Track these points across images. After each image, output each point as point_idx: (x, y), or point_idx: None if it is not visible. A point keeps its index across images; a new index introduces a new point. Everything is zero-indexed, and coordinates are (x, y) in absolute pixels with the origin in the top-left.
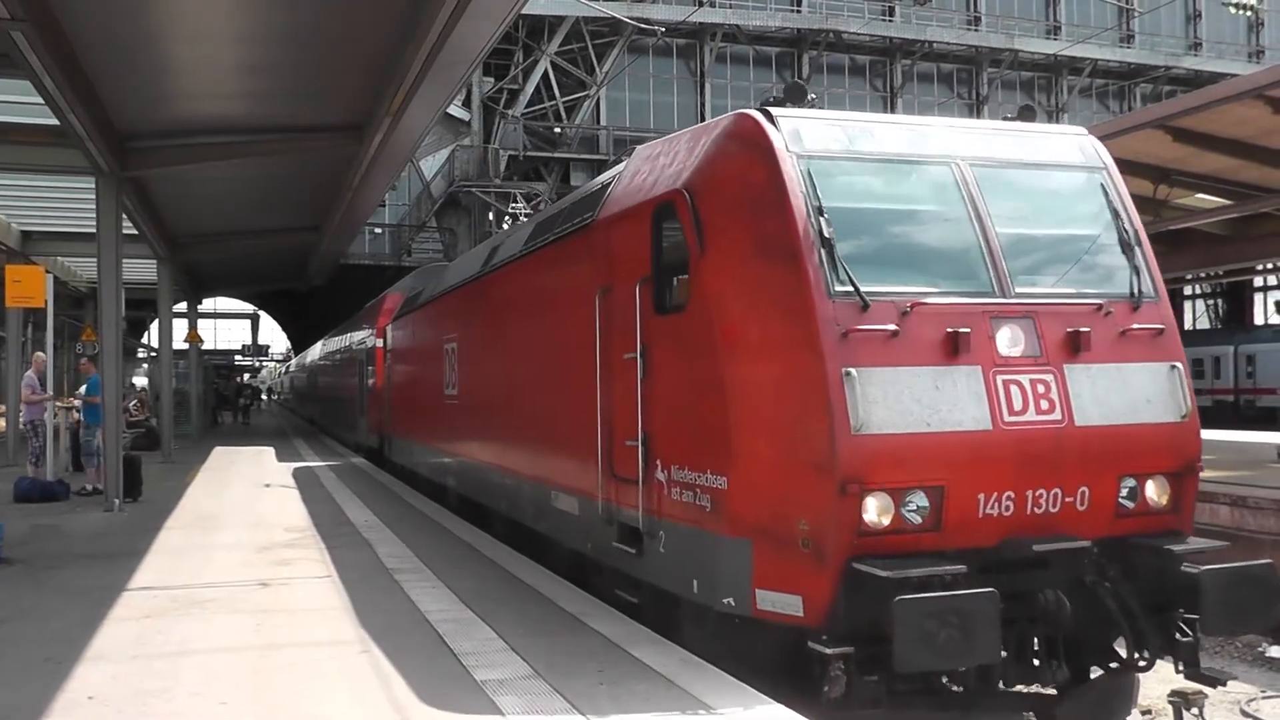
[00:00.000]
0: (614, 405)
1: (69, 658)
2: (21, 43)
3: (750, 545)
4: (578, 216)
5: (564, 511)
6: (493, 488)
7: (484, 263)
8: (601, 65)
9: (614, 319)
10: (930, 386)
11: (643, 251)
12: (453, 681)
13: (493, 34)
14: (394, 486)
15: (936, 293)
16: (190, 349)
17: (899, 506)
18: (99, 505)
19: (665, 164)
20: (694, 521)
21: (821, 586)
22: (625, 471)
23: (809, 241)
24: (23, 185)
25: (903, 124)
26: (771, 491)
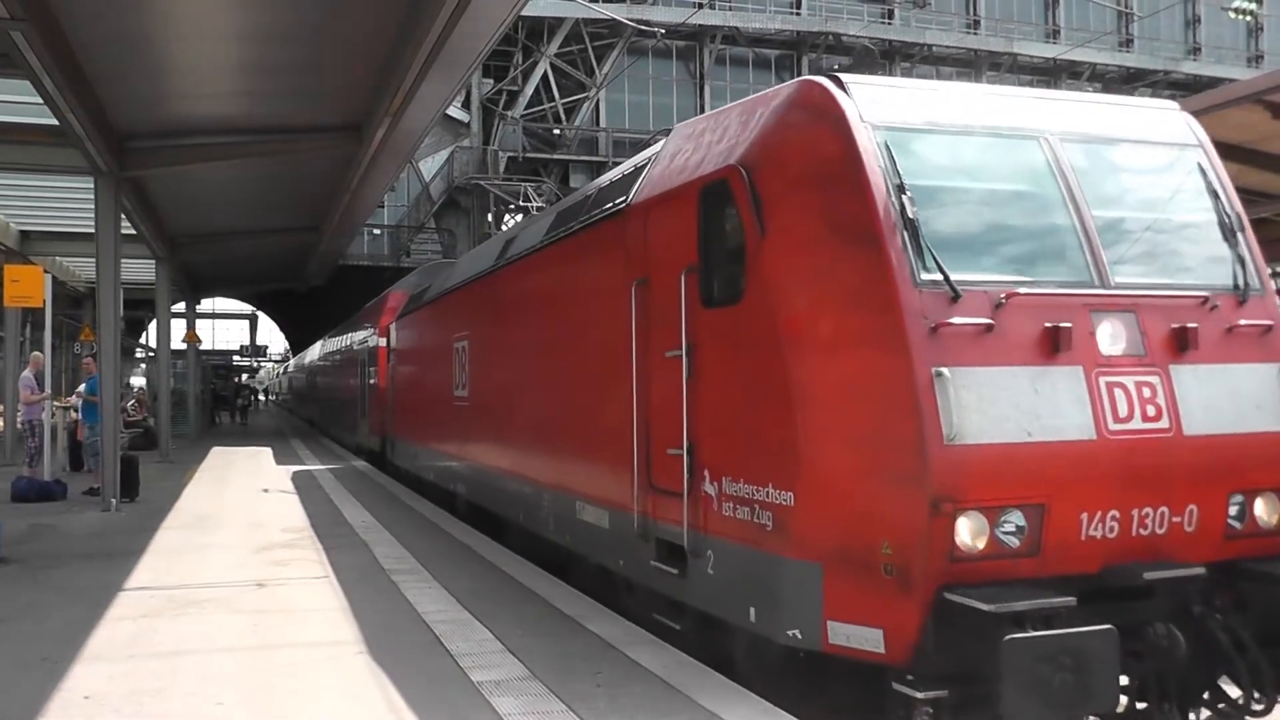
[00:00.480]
0: (653, 409)
1: (65, 657)
2: (21, 42)
3: (821, 570)
4: (608, 202)
5: (591, 524)
6: (507, 496)
7: (498, 256)
8: (601, 67)
9: (653, 313)
10: (1028, 389)
11: (688, 238)
12: (449, 682)
13: (492, 35)
14: (398, 492)
15: (1031, 282)
16: (188, 349)
17: (993, 528)
18: (96, 505)
19: (713, 140)
20: (752, 541)
21: (907, 619)
22: (666, 483)
23: (890, 223)
24: (21, 185)
25: (986, 94)
26: (848, 510)
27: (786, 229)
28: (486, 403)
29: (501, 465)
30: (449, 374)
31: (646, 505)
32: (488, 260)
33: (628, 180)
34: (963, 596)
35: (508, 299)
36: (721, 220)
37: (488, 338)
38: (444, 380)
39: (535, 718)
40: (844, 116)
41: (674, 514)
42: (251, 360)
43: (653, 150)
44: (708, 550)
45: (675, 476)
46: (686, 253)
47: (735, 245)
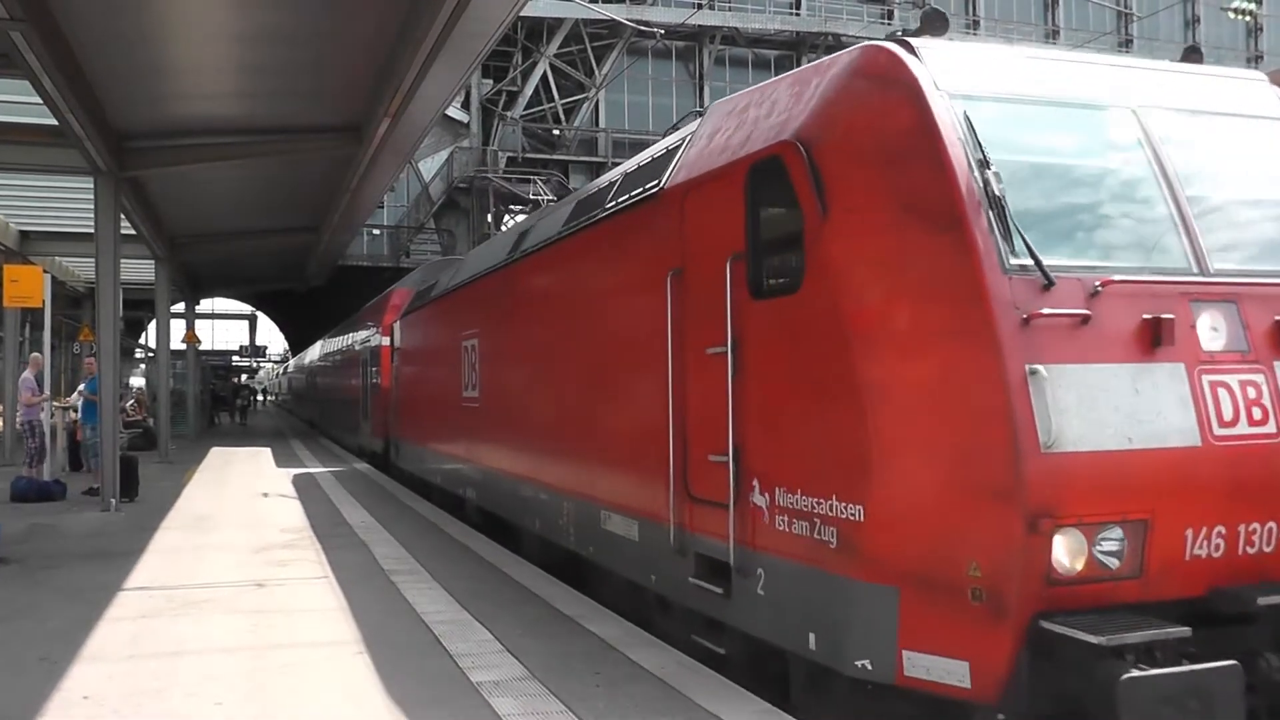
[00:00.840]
0: (691, 411)
1: (64, 657)
2: (20, 42)
3: (896, 594)
4: (637, 187)
5: (618, 536)
6: (523, 503)
7: (512, 249)
8: (600, 67)
9: (691, 306)
10: (1128, 390)
11: (733, 223)
12: (449, 683)
13: (493, 34)
14: (399, 494)
15: (1128, 268)
16: (188, 349)
17: (1092, 547)
18: (96, 505)
19: (761, 115)
20: (812, 560)
21: (998, 651)
22: (707, 492)
23: (973, 201)
24: (21, 185)
25: (1068, 61)
26: (928, 526)
27: (852, 210)
28: (499, 403)
29: (515, 470)
30: (457, 374)
31: (684, 516)
32: (500, 254)
33: (659, 163)
34: (1063, 626)
35: (523, 294)
36: (773, 202)
37: (501, 336)
38: (452, 380)
39: (534, 718)
40: (916, 84)
41: (717, 527)
42: (251, 360)
43: (686, 131)
44: (757, 568)
45: (718, 486)
46: (731, 239)
47: (790, 229)
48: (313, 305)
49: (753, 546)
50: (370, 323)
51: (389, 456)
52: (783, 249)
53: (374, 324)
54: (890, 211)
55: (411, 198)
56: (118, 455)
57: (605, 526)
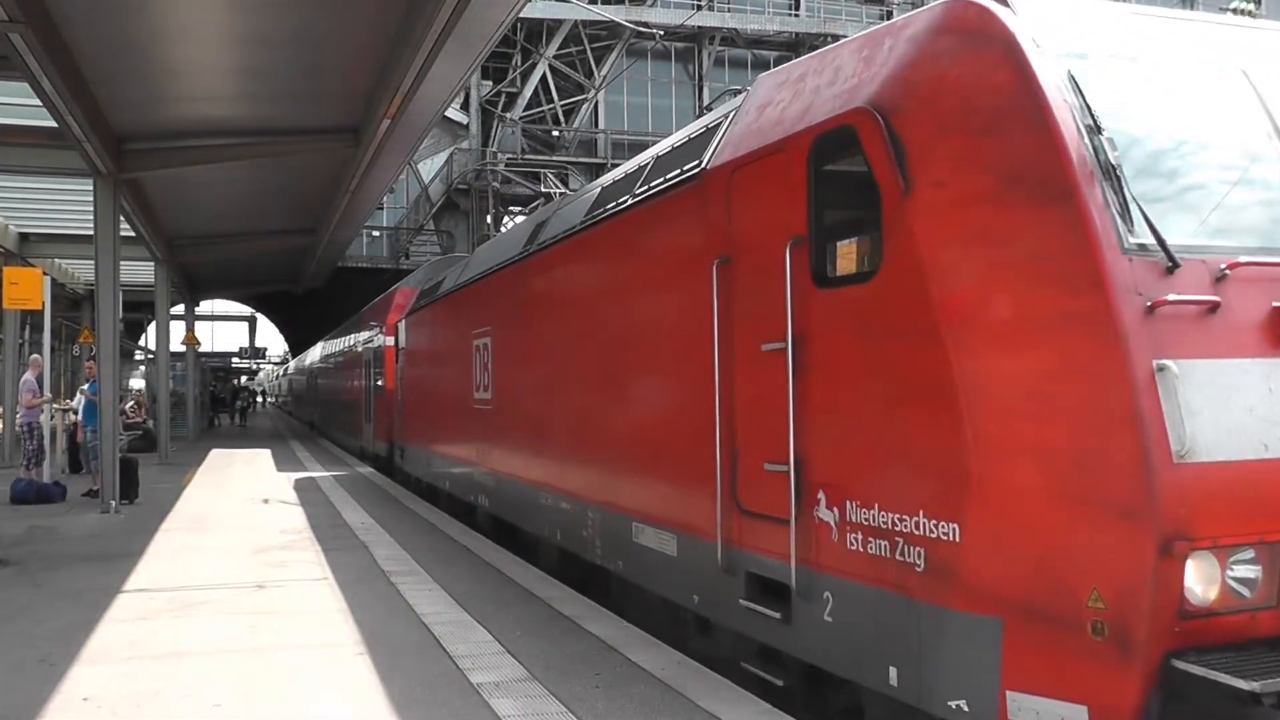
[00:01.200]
0: (742, 415)
1: (64, 659)
2: (20, 44)
3: (999, 626)
4: (673, 169)
5: (652, 550)
6: (541, 512)
7: (527, 242)
8: (600, 68)
9: (741, 297)
10: (1262, 389)
11: (793, 202)
12: (448, 684)
13: (491, 37)
14: (404, 499)
15: (1252, 248)
16: (187, 351)
17: (1224, 573)
18: (95, 507)
19: (823, 84)
20: (893, 584)
21: (1124, 694)
22: (761, 505)
23: (1085, 171)
24: (20, 187)
25: (1173, 18)
26: (1039, 548)
27: (941, 183)
28: (514, 405)
29: (533, 476)
30: (467, 374)
31: (733, 531)
32: (514, 248)
33: (698, 143)
34: (1201, 667)
35: (541, 289)
36: (843, 178)
37: (516, 334)
38: (462, 381)
39: (534, 719)
40: (1014, 40)
41: (774, 544)
42: (251, 362)
43: (727, 108)
44: (824, 592)
45: (776, 498)
46: (790, 221)
47: (864, 207)
48: (312, 307)
49: (818, 567)
50: (373, 323)
51: (393, 460)
52: (854, 230)
53: (377, 324)
54: (986, 184)
55: (411, 199)
56: (117, 457)
57: (637, 540)
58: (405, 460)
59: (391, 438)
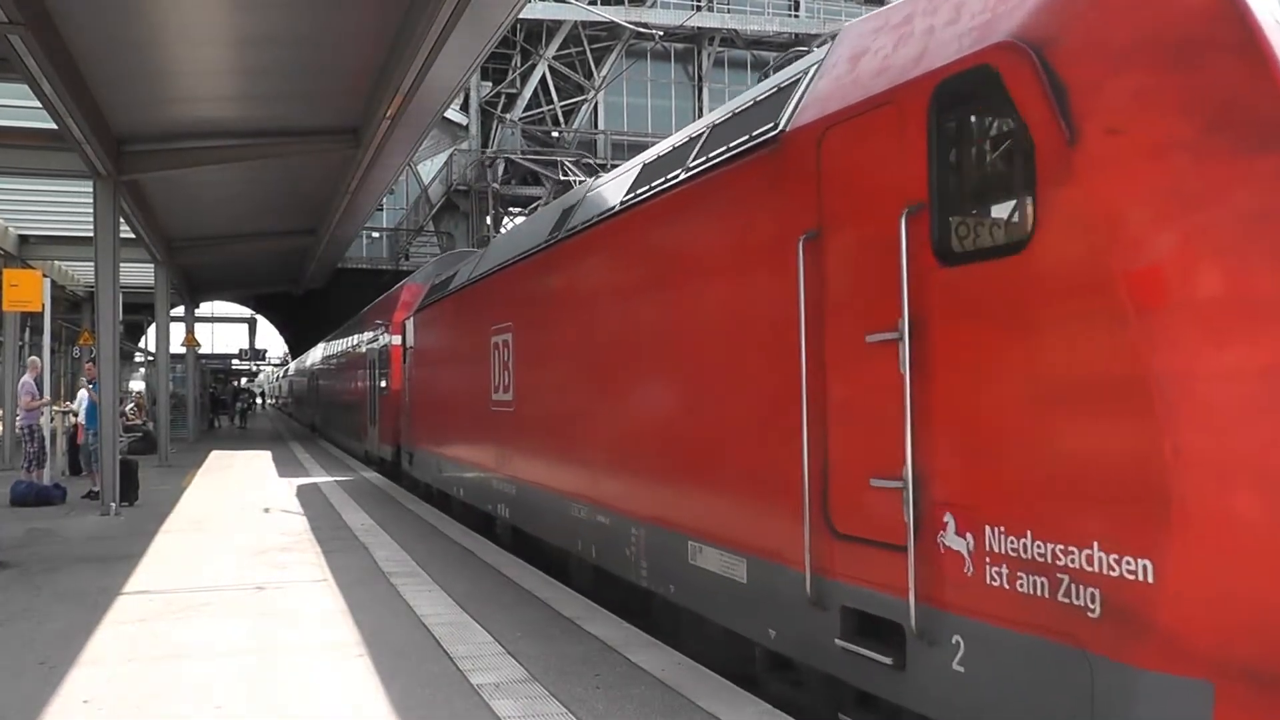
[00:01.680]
0: (838, 419)
1: (64, 661)
2: (19, 46)
3: (1210, 693)
4: (739, 136)
5: (714, 575)
6: (573, 525)
7: (555, 228)
8: (599, 69)
9: (838, 279)
10: None
11: (907, 163)
12: (449, 685)
13: (489, 41)
14: (409, 503)
15: None
16: (187, 353)
17: None
18: (95, 509)
19: (939, 23)
20: (1055, 632)
21: None
22: (864, 528)
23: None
24: (20, 189)
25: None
26: (1267, 593)
27: (1118, 130)
28: (540, 407)
29: (563, 486)
30: (485, 373)
31: (825, 558)
32: (538, 236)
33: (771, 104)
34: None
35: (572, 279)
36: (977, 129)
37: (542, 329)
38: (477, 381)
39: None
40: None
41: (882, 575)
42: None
43: (807, 62)
44: (952, 636)
45: (885, 520)
46: (905, 185)
47: (1009, 164)
48: (312, 308)
49: (944, 605)
50: (378, 321)
51: (400, 464)
52: (994, 193)
53: (382, 322)
54: (1180, 129)
55: (410, 200)
56: (117, 459)
57: (695, 562)
58: (414, 465)
59: (398, 441)
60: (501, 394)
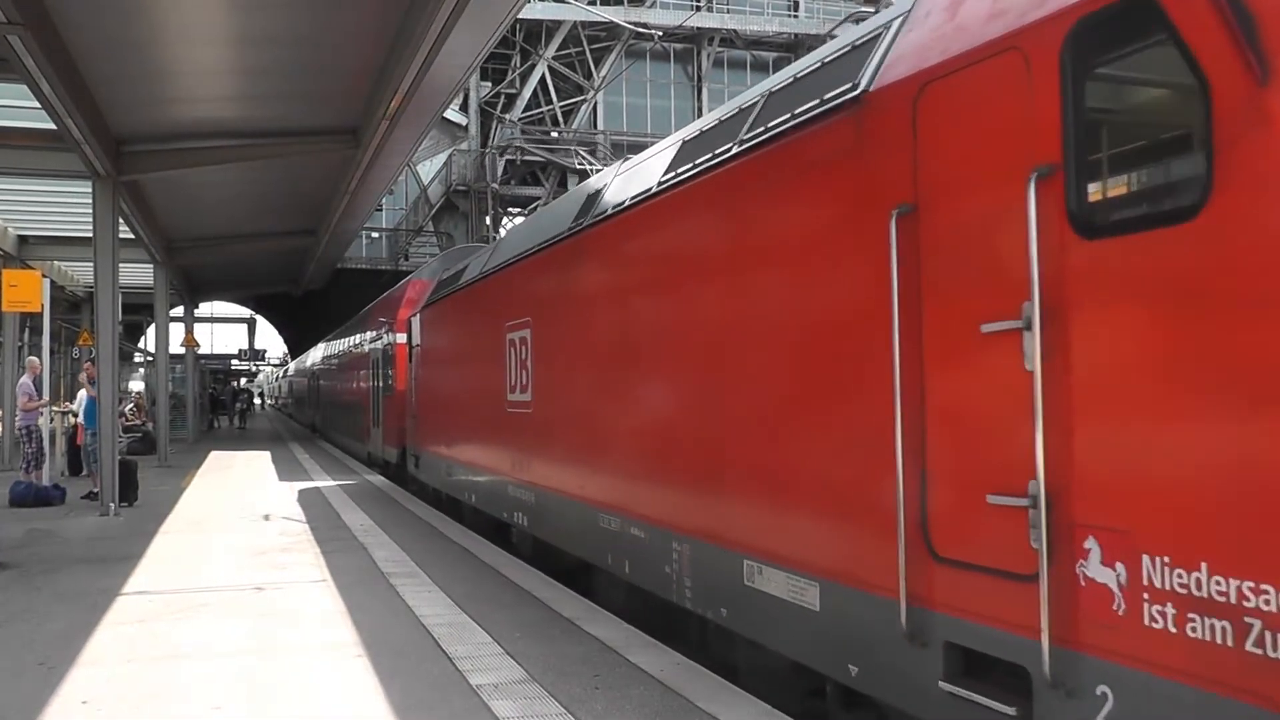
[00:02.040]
0: (942, 422)
1: (63, 662)
2: (18, 46)
3: None
4: (806, 101)
5: (780, 600)
6: (602, 537)
7: (579, 214)
8: (599, 70)
9: (942, 259)
10: None
11: (1037, 118)
12: (448, 686)
13: (488, 40)
14: (409, 505)
15: None
16: (187, 353)
17: None
18: (95, 509)
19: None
20: (1244, 691)
21: None
22: (977, 552)
23: None
24: (19, 189)
25: None
26: None
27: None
28: (563, 408)
29: (591, 494)
30: (499, 372)
31: (924, 585)
32: (560, 224)
33: (849, 61)
34: None
35: (601, 269)
36: (1131, 72)
37: (565, 323)
38: (491, 380)
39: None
40: None
41: (1000, 609)
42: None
43: (886, 16)
44: (1096, 686)
45: (1008, 544)
46: (1032, 145)
47: (1175, 113)
48: (312, 308)
49: (1086, 648)
50: (382, 319)
51: (405, 468)
52: (1153, 150)
53: (386, 320)
54: None
55: (410, 200)
56: (117, 459)
57: (753, 583)
58: (421, 468)
59: (403, 443)
60: (519, 394)
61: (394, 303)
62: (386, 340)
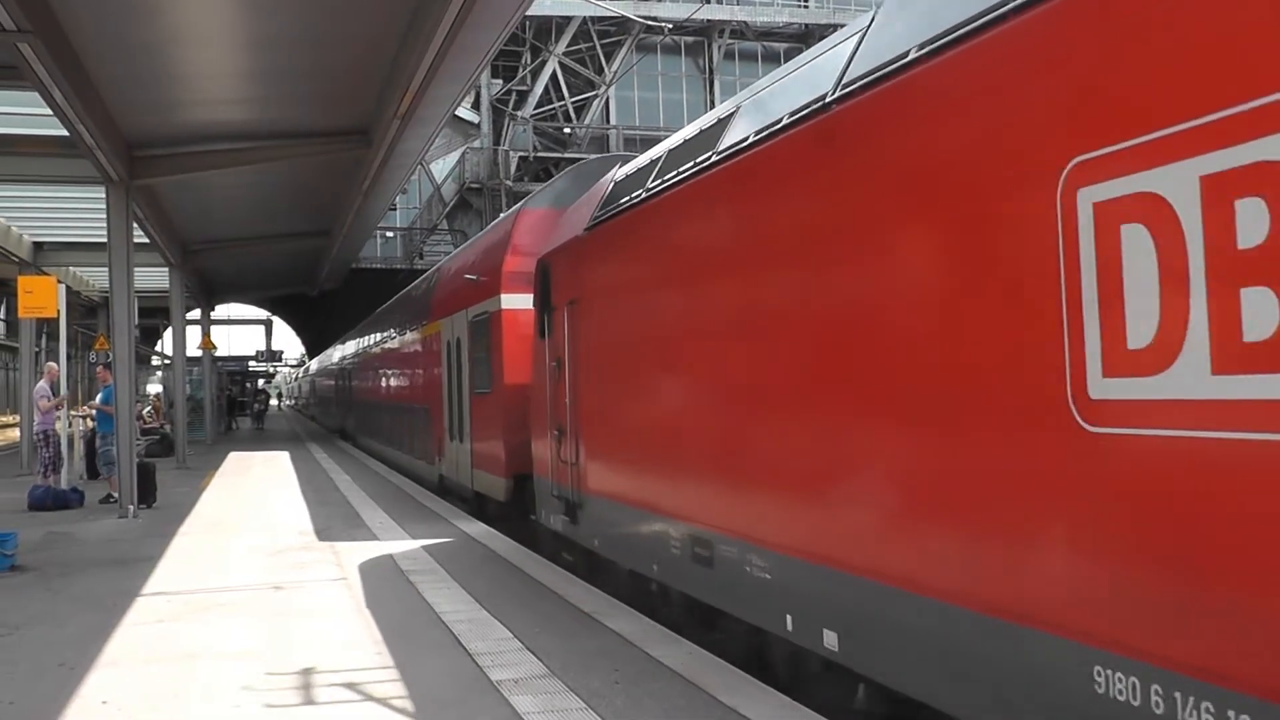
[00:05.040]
0: None
1: (83, 663)
2: (29, 54)
3: None
4: None
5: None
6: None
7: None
8: (610, 64)
9: None
10: None
11: None
12: (468, 682)
13: (500, 33)
14: (427, 502)
15: None
16: (203, 356)
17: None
18: (113, 512)
19: None
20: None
21: None
22: None
23: None
24: (33, 196)
25: None
26: None
27: None
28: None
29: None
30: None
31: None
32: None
33: None
34: None
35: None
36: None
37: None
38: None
39: (554, 716)
40: None
41: None
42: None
43: None
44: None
45: None
46: None
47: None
48: (328, 309)
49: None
50: (471, 278)
51: (529, 511)
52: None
53: (482, 278)
54: None
55: (424, 199)
56: (135, 462)
57: None
58: (583, 522)
59: (520, 472)
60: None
61: (496, 250)
62: (478, 311)
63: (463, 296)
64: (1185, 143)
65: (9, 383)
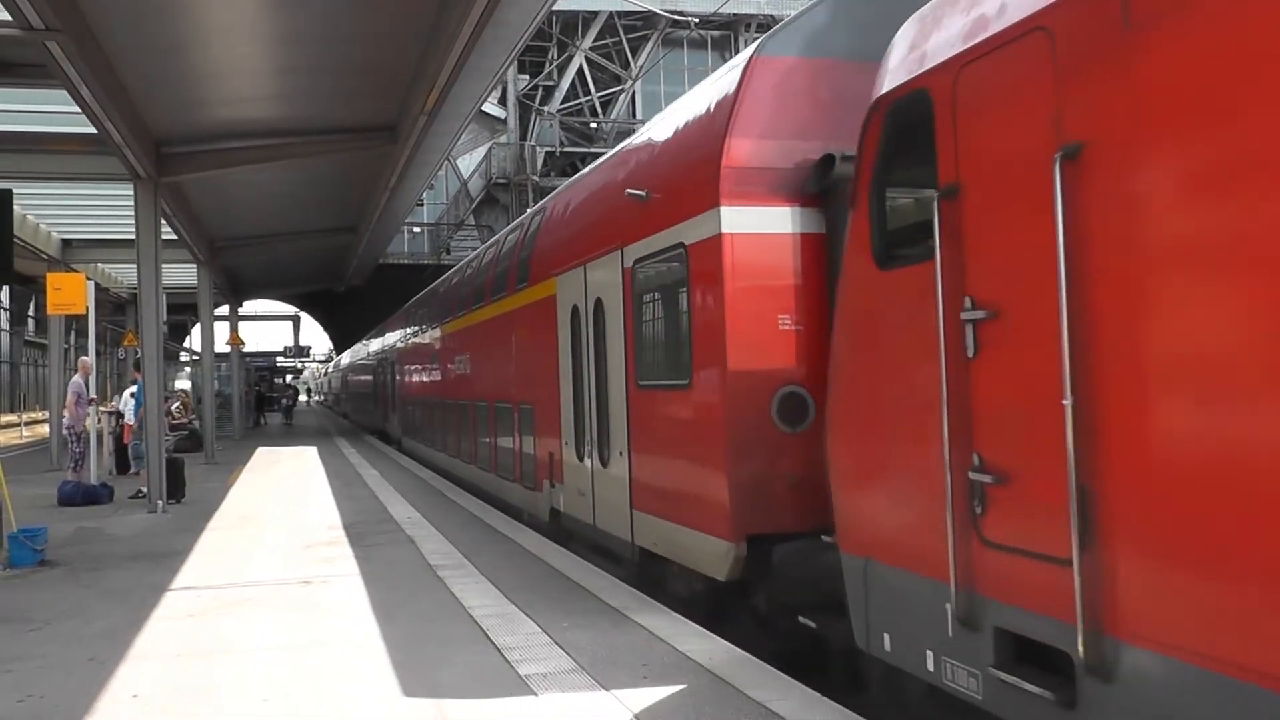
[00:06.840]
0: None
1: (113, 657)
2: (57, 53)
3: None
4: None
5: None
6: None
7: None
8: (636, 59)
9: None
10: None
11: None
12: (496, 676)
13: (526, 28)
14: (457, 497)
15: None
16: (232, 352)
17: None
18: (142, 507)
19: None
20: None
21: None
22: None
23: None
24: (62, 194)
25: None
26: None
27: None
28: None
29: None
30: None
31: None
32: None
33: None
34: None
35: None
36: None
37: None
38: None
39: (583, 711)
40: None
41: None
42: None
43: None
44: None
45: None
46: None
47: None
48: (355, 304)
49: None
50: (641, 194)
51: (863, 634)
52: None
53: (655, 194)
54: None
55: (450, 195)
56: (164, 458)
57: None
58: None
59: (761, 532)
60: None
61: (701, 132)
62: (653, 249)
63: (610, 231)
64: None
65: (39, 379)
